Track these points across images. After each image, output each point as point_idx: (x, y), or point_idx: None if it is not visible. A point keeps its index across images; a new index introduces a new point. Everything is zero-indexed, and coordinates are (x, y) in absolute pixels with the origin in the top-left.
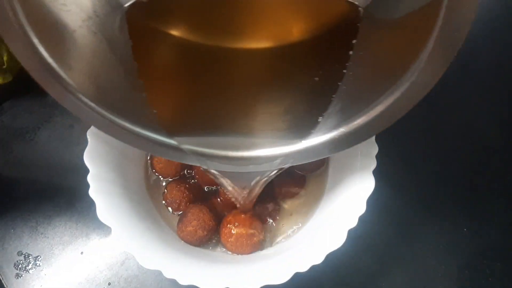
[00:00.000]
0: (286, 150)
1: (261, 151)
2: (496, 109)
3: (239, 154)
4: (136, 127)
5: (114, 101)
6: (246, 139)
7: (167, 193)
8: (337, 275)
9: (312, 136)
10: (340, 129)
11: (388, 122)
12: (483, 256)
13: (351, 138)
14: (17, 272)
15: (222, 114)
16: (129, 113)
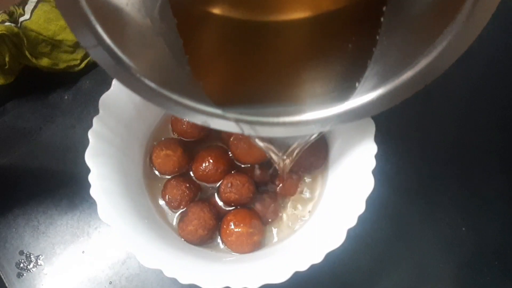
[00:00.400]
0: (327, 113)
1: (304, 115)
2: (496, 109)
3: (284, 119)
4: (184, 98)
5: (163, 75)
6: (289, 107)
7: (166, 192)
8: (336, 274)
9: (352, 99)
10: (379, 91)
11: (423, 82)
12: (481, 255)
13: (388, 99)
14: (19, 271)
15: (264, 84)
16: (177, 87)
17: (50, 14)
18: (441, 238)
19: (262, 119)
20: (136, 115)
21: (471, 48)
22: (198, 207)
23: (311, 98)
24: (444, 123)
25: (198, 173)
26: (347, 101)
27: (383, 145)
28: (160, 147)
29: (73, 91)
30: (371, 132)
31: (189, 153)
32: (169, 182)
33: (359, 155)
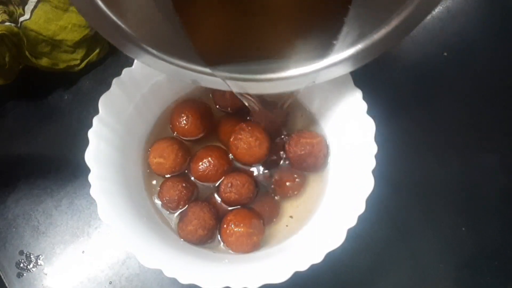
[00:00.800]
0: (309, 69)
1: (288, 72)
2: (494, 109)
3: (269, 76)
4: (173, 58)
5: (153, 36)
6: (273, 64)
7: (163, 193)
8: (336, 274)
9: (332, 55)
10: (357, 46)
11: (402, 34)
12: (481, 255)
13: (367, 53)
14: (19, 271)
15: (250, 41)
16: (165, 46)
17: (50, 14)
18: (441, 238)
19: (248, 76)
20: (136, 114)
21: (470, 49)
22: (198, 207)
23: (294, 55)
24: (444, 124)
25: (197, 173)
26: (326, 58)
27: (383, 145)
28: (153, 152)
29: (73, 91)
30: (371, 132)
31: (186, 153)
32: (165, 184)
33: (359, 155)
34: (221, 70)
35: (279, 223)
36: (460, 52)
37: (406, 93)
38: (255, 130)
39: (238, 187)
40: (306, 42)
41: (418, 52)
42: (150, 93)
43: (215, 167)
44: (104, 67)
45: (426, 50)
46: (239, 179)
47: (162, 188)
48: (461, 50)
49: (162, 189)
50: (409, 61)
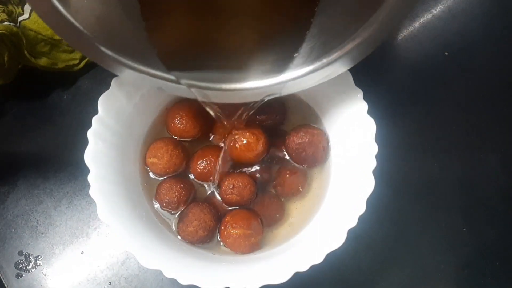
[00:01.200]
0: (268, 82)
1: (248, 83)
2: (494, 109)
3: (230, 86)
4: (138, 64)
5: (117, 41)
6: (235, 74)
7: (160, 195)
8: (336, 275)
9: (292, 70)
10: (319, 62)
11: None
12: (482, 255)
13: (328, 71)
14: (18, 272)
15: (214, 50)
16: (130, 51)
17: None
18: (442, 238)
19: (211, 85)
20: (135, 114)
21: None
22: (198, 208)
23: (257, 66)
24: (445, 124)
25: (196, 172)
26: (285, 73)
27: (383, 145)
28: (149, 152)
29: (72, 91)
30: (372, 132)
31: (182, 154)
32: (162, 185)
33: (360, 155)
34: (184, 77)
35: (281, 224)
36: (461, 52)
37: (406, 93)
38: (251, 128)
39: (239, 188)
40: (269, 54)
41: (419, 51)
42: (150, 93)
43: (215, 166)
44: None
45: (427, 49)
46: (241, 180)
47: (159, 190)
48: (462, 50)
49: (160, 190)
50: (410, 60)
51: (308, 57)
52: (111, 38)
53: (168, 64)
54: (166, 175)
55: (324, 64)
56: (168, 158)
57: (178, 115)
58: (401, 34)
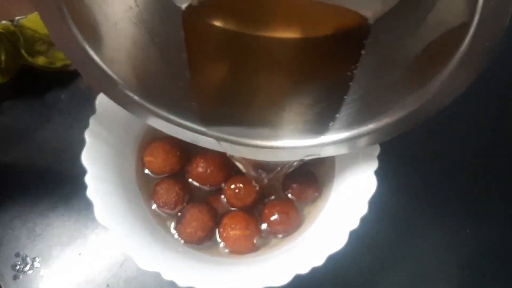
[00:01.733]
0: (307, 143)
1: (284, 142)
2: (494, 109)
3: (266, 143)
4: (173, 116)
5: (154, 92)
6: (271, 131)
7: (158, 195)
8: (338, 277)
9: (331, 133)
10: (358, 129)
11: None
12: (483, 256)
13: (368, 139)
14: (15, 274)
15: (250, 105)
16: (167, 104)
17: None
18: (444, 240)
19: (244, 140)
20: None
21: None
22: (196, 209)
23: (291, 126)
24: (446, 124)
25: (195, 175)
26: (327, 134)
27: (385, 146)
28: (146, 151)
29: (70, 90)
30: None
31: (180, 154)
32: (159, 186)
33: (362, 155)
34: (219, 131)
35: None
36: None
37: None
38: None
39: (244, 192)
40: (302, 114)
41: None
42: None
43: (214, 170)
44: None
45: None
46: (246, 185)
47: (156, 190)
48: None
49: (157, 191)
50: None
51: (348, 122)
52: (148, 88)
53: (204, 117)
54: (162, 175)
55: (362, 132)
56: (165, 156)
57: None
58: None
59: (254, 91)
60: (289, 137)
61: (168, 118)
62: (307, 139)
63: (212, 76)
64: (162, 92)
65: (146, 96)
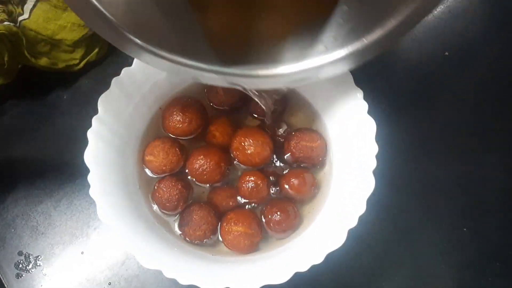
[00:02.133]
0: (311, 64)
1: (282, 68)
2: (494, 109)
3: (267, 72)
4: (174, 55)
5: (152, 34)
6: (271, 61)
7: (159, 194)
8: (337, 275)
9: (328, 53)
10: (353, 46)
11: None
12: (483, 256)
13: (363, 53)
14: (18, 272)
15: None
16: (166, 44)
17: (49, 14)
18: (442, 239)
19: (248, 72)
20: (135, 114)
21: (471, 48)
22: (205, 211)
23: (290, 52)
24: (445, 123)
25: (193, 173)
26: (322, 55)
27: (384, 145)
28: (146, 150)
29: (72, 91)
30: (372, 132)
31: (179, 152)
32: (159, 185)
33: (360, 155)
34: (225, 66)
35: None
36: (462, 52)
37: (407, 93)
38: (257, 133)
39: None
40: (299, 40)
41: (419, 51)
42: (150, 92)
43: (212, 168)
44: (103, 67)
45: (427, 49)
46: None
47: (156, 189)
48: (463, 50)
49: (157, 189)
50: (410, 60)
51: (339, 40)
52: (149, 31)
53: (218, 55)
54: (163, 174)
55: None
56: (164, 155)
57: (173, 112)
58: None
59: (251, 24)
60: (289, 63)
61: (169, 58)
62: (305, 63)
63: (213, 14)
64: (164, 33)
65: (148, 39)
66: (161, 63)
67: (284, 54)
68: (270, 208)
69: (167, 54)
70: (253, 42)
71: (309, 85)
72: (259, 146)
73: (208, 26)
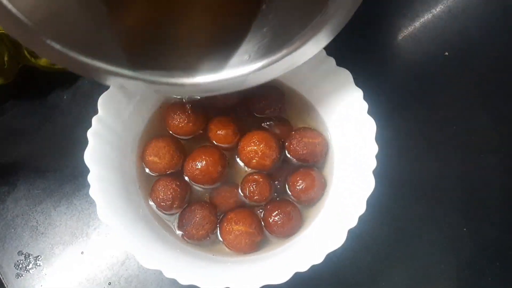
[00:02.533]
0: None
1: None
2: (496, 109)
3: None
4: (97, 61)
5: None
6: (194, 68)
7: (156, 193)
8: (337, 275)
9: (251, 63)
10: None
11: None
12: (482, 255)
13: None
14: (18, 272)
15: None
16: (92, 50)
17: None
18: (442, 238)
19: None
20: (135, 114)
21: (471, 48)
22: (207, 211)
23: (213, 62)
24: (445, 124)
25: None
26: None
27: (384, 145)
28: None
29: (72, 91)
30: (372, 132)
31: (182, 153)
32: (158, 183)
33: (360, 155)
34: (145, 74)
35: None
36: (462, 52)
37: (407, 93)
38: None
39: (260, 192)
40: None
41: (419, 51)
42: (150, 93)
43: (209, 171)
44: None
45: (427, 49)
46: (261, 183)
47: (154, 188)
48: (463, 50)
49: (155, 189)
50: (410, 60)
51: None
52: (64, 32)
53: (131, 61)
54: (163, 174)
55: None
56: (170, 158)
57: (179, 113)
58: (401, 34)
59: (174, 32)
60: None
61: (93, 66)
62: (229, 72)
63: (132, 20)
64: (84, 39)
65: (70, 46)
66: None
67: (206, 62)
68: (272, 210)
69: (90, 60)
70: (171, 47)
71: (308, 85)
72: (267, 151)
73: (122, 26)
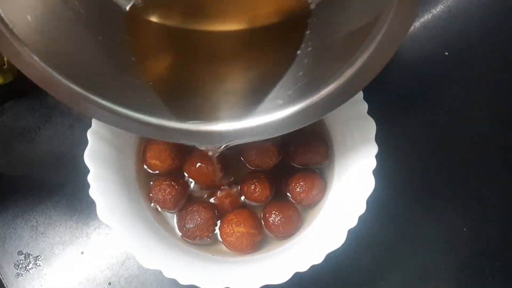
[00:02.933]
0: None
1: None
2: (496, 109)
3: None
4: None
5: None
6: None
7: (156, 192)
8: (337, 275)
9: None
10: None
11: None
12: (482, 255)
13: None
14: (18, 272)
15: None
16: (112, 96)
17: None
18: (442, 238)
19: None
20: None
21: (472, 48)
22: (210, 213)
23: (230, 109)
24: (445, 124)
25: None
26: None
27: (384, 145)
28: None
29: None
30: (372, 132)
31: (182, 156)
32: (157, 183)
33: (360, 155)
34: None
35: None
36: (462, 52)
37: (407, 92)
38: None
39: (260, 192)
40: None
41: (419, 51)
42: None
43: (209, 175)
44: None
45: (427, 49)
46: (260, 185)
47: (155, 188)
48: (463, 50)
49: (155, 189)
50: (410, 61)
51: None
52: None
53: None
54: (163, 173)
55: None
56: (171, 162)
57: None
58: None
59: (205, 83)
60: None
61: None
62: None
63: (161, 72)
64: (111, 88)
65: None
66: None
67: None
68: (272, 210)
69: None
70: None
71: None
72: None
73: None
